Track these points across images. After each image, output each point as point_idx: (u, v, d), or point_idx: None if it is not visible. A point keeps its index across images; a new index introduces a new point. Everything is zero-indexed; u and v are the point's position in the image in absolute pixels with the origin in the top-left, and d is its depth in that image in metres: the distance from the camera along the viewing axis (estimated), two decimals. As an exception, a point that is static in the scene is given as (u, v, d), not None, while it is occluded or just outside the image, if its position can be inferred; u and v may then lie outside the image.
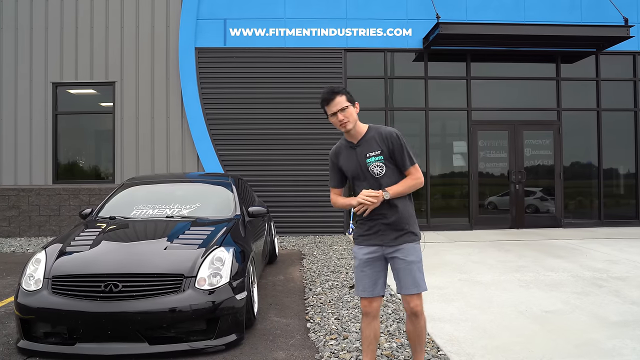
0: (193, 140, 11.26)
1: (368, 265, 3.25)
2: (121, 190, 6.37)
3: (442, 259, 7.96)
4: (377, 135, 3.23)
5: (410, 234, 3.21)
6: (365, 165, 3.21)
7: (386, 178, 3.19)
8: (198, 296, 4.06)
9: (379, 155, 3.19)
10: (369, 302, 3.26)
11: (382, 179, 3.19)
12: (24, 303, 4.08)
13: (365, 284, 3.25)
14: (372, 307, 3.26)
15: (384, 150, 3.19)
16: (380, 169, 3.18)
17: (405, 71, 11.90)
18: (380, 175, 3.19)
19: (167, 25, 11.47)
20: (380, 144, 3.20)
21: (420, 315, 3.22)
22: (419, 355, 3.33)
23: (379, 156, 3.19)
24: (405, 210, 3.22)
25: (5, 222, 11.35)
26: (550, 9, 11.70)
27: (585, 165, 12.25)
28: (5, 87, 11.45)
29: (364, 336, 3.30)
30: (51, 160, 11.48)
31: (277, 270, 7.49)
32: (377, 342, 3.37)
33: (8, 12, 11.51)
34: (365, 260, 3.26)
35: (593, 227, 11.77)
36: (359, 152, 3.24)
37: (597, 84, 11.99)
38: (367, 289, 3.25)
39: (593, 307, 5.15)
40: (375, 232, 3.22)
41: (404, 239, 3.19)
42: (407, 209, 3.24)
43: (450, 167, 11.99)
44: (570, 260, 7.74)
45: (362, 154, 3.23)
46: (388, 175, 3.18)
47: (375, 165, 3.19)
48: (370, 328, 3.28)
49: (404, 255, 3.18)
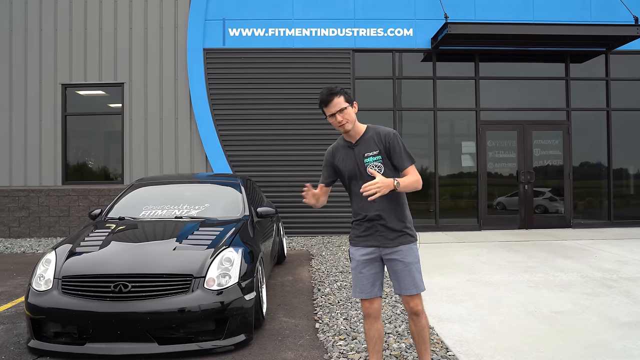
0: (201, 141, 11.29)
1: (366, 266, 3.24)
2: (130, 191, 6.40)
3: (451, 260, 7.94)
4: (375, 136, 3.22)
5: (407, 236, 3.21)
6: (363, 165, 3.20)
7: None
8: (207, 296, 4.07)
9: (377, 155, 3.18)
10: (369, 304, 3.26)
11: None
12: (34, 303, 4.11)
13: (363, 286, 3.25)
14: (373, 308, 3.26)
15: (381, 150, 3.19)
16: (378, 169, 3.17)
17: (413, 71, 11.88)
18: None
19: (175, 26, 11.51)
20: (378, 144, 3.20)
21: (420, 314, 3.23)
22: (425, 356, 3.31)
23: (377, 156, 3.18)
24: (402, 211, 3.22)
25: (16, 223, 11.43)
26: (559, 9, 11.64)
27: (594, 165, 12.17)
28: (15, 88, 11.53)
29: (369, 337, 3.30)
30: (61, 161, 11.55)
31: (286, 270, 7.49)
32: (382, 341, 3.36)
33: (18, 15, 11.60)
34: (363, 261, 3.25)
35: (603, 227, 11.70)
36: (357, 152, 3.23)
37: (607, 84, 11.92)
38: (365, 290, 3.24)
39: (603, 308, 5.12)
40: (372, 233, 3.22)
41: (401, 241, 3.19)
42: (404, 210, 3.24)
43: (459, 168, 11.95)
44: (579, 260, 7.70)
45: (360, 153, 3.22)
46: (386, 175, 3.15)
47: (373, 165, 3.18)
48: (374, 329, 3.28)
49: (402, 257, 3.17)
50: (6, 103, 11.51)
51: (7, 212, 11.40)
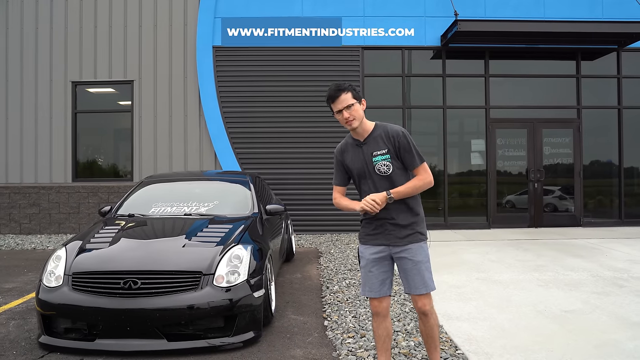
0: (210, 138, 11.32)
1: (375, 265, 3.22)
2: (140, 188, 6.42)
3: (460, 258, 7.91)
4: (384, 134, 3.17)
5: (418, 234, 3.16)
6: (371, 164, 3.17)
7: (393, 177, 3.14)
8: (216, 293, 4.08)
9: (386, 154, 3.13)
10: (378, 302, 3.24)
11: (389, 178, 3.14)
12: (44, 299, 4.14)
13: (372, 284, 3.23)
14: (381, 307, 3.24)
15: (390, 149, 3.13)
16: (387, 168, 3.13)
17: (422, 69, 11.84)
18: (386, 174, 3.14)
19: (185, 24, 11.54)
20: (386, 142, 3.14)
21: (429, 314, 3.19)
22: (434, 355, 3.29)
23: (385, 155, 3.13)
24: (413, 210, 3.18)
25: (26, 220, 11.51)
26: (570, 6, 11.56)
27: (605, 163, 12.08)
28: (26, 86, 11.61)
29: (377, 336, 3.29)
30: (71, 159, 11.62)
31: (295, 268, 7.50)
32: (391, 339, 3.35)
33: (29, 13, 11.67)
34: (372, 260, 3.22)
35: (613, 226, 11.61)
36: (365, 151, 3.19)
37: (619, 82, 11.82)
38: (375, 289, 3.22)
39: (614, 307, 5.08)
40: (382, 231, 3.19)
41: (411, 239, 3.14)
42: (416, 208, 3.20)
43: (468, 166, 11.91)
44: (590, 259, 7.65)
45: (369, 152, 3.18)
46: (395, 174, 3.13)
47: (382, 164, 3.14)
48: (382, 327, 3.26)
49: (412, 255, 3.13)
50: (17, 101, 11.59)
51: (18, 208, 11.49)
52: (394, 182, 3.13)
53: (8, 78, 11.63)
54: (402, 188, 3.09)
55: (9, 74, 11.64)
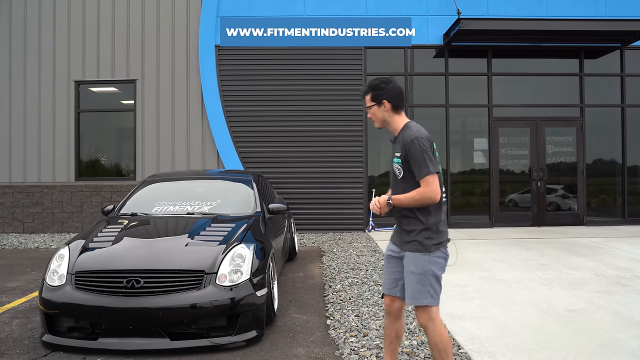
0: (213, 137, 11.32)
1: (389, 262, 3.24)
2: (142, 187, 6.42)
3: (463, 257, 7.90)
4: (402, 137, 3.09)
5: (416, 243, 3.02)
6: (392, 164, 3.20)
7: (404, 182, 3.08)
8: (219, 292, 4.08)
9: (399, 158, 3.09)
10: (390, 301, 3.23)
11: (401, 182, 3.10)
12: (48, 298, 4.15)
13: (385, 280, 3.24)
14: (393, 307, 3.22)
15: (403, 154, 3.07)
16: (399, 172, 3.11)
17: (425, 68, 11.82)
18: (399, 177, 3.12)
19: (187, 23, 11.54)
20: (402, 146, 3.06)
21: (426, 328, 3.00)
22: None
23: (398, 159, 3.10)
24: (419, 219, 3.03)
25: (30, 219, 11.54)
26: (573, 4, 11.53)
27: (608, 162, 12.05)
28: (29, 85, 11.62)
29: (385, 334, 3.28)
30: (74, 158, 11.64)
31: (297, 267, 7.50)
32: (399, 342, 3.31)
33: (32, 12, 11.68)
34: (387, 256, 3.26)
35: (616, 225, 11.59)
36: (392, 150, 3.22)
37: (622, 80, 11.79)
38: (386, 285, 3.23)
39: (617, 306, 5.07)
40: (396, 232, 3.22)
41: (410, 247, 3.05)
42: (423, 218, 3.02)
43: (471, 164, 11.89)
44: (593, 258, 7.64)
45: (393, 152, 3.19)
46: (405, 179, 3.08)
47: (396, 167, 3.13)
48: (392, 328, 3.25)
49: (406, 263, 3.07)
50: (20, 100, 11.61)
51: (21, 207, 11.52)
52: (406, 187, 3.06)
53: (11, 77, 11.65)
54: (402, 196, 3.03)
55: (12, 73, 11.65)
